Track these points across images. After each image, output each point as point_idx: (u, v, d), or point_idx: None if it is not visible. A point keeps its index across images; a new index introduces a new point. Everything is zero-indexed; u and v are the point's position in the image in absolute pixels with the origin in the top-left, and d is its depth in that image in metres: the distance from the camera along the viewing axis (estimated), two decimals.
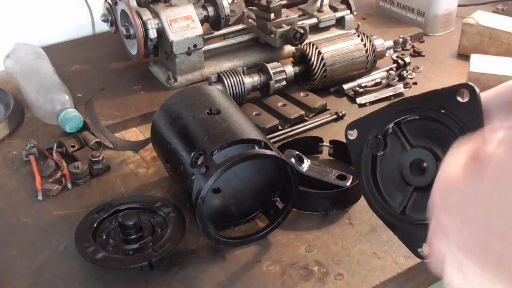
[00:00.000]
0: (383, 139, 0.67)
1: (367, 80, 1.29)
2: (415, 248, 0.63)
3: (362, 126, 0.69)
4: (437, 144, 0.63)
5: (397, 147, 0.66)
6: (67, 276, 0.83)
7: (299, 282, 0.81)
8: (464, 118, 0.60)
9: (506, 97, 0.59)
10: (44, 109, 1.15)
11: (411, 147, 0.64)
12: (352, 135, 0.70)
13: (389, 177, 0.67)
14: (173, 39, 1.25)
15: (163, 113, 0.94)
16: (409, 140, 0.65)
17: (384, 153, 0.68)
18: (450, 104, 0.61)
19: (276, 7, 1.31)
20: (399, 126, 0.66)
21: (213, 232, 0.83)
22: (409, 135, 0.65)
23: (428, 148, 0.63)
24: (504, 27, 1.34)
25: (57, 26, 1.56)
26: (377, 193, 0.68)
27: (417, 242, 0.63)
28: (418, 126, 0.64)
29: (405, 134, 0.65)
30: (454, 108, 0.61)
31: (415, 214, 0.64)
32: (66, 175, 1.01)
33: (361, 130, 0.69)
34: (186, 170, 0.83)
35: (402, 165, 0.65)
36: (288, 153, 0.97)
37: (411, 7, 1.56)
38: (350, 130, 0.70)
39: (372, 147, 0.68)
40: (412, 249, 0.63)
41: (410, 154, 0.64)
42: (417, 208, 0.64)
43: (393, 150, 0.67)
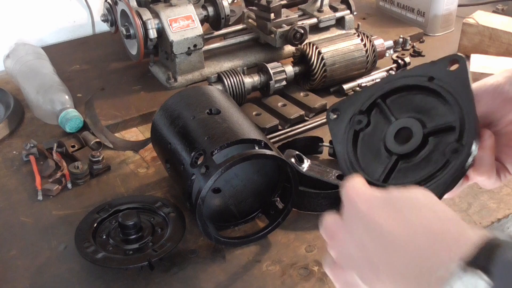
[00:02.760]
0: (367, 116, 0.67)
1: (367, 80, 1.29)
2: None
3: (345, 107, 0.70)
4: (423, 113, 0.63)
5: (381, 123, 0.66)
6: (67, 276, 0.83)
7: (299, 282, 0.81)
8: (454, 85, 0.61)
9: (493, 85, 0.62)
10: (44, 109, 1.15)
11: (395, 119, 0.65)
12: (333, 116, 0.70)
13: (370, 152, 0.67)
14: (173, 39, 1.25)
15: (163, 113, 0.94)
16: (394, 114, 0.65)
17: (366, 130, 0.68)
18: (440, 73, 0.62)
19: (276, 7, 1.31)
20: (384, 101, 0.66)
21: (213, 232, 0.83)
22: (394, 109, 0.66)
23: (414, 117, 0.63)
24: (504, 27, 1.34)
25: (57, 26, 1.56)
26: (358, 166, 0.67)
27: None
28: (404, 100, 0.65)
29: (390, 109, 0.66)
30: (444, 77, 0.62)
31: (398, 181, 0.63)
32: (66, 175, 1.01)
33: (344, 111, 0.70)
34: (186, 170, 0.83)
35: (386, 137, 0.65)
36: (288, 153, 0.97)
37: (411, 7, 1.56)
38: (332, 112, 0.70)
39: (354, 123, 0.68)
40: None
41: (396, 123, 0.64)
42: (400, 175, 0.64)
43: (376, 127, 0.67)
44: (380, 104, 0.66)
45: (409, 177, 0.62)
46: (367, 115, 0.67)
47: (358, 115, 0.67)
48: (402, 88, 0.65)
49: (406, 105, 0.65)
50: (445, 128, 0.61)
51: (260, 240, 0.88)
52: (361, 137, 0.68)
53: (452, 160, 0.58)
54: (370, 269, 0.47)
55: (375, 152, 0.66)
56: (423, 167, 0.61)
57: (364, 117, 0.67)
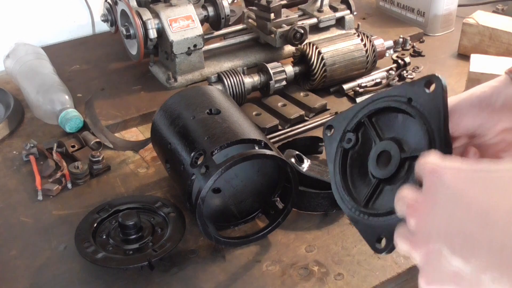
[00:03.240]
0: (356, 134, 0.67)
1: (367, 80, 1.29)
2: (373, 241, 0.63)
3: (338, 123, 0.70)
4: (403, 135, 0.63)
5: (369, 143, 0.67)
6: (67, 276, 0.83)
7: (299, 282, 0.81)
8: (428, 107, 0.60)
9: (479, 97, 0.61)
10: (44, 109, 1.15)
11: (380, 140, 0.65)
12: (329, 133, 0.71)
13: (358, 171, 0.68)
14: (173, 39, 1.25)
15: (163, 113, 0.94)
16: (379, 134, 0.65)
17: (355, 148, 0.68)
18: (417, 95, 0.61)
19: (276, 7, 1.31)
20: (370, 120, 0.66)
21: (213, 232, 0.83)
22: (379, 129, 0.66)
23: (394, 139, 0.63)
24: (504, 27, 1.34)
25: (57, 26, 1.56)
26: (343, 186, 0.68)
27: (375, 235, 0.63)
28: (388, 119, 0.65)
29: (375, 128, 0.66)
30: (420, 98, 0.61)
31: (377, 206, 0.64)
32: (66, 175, 1.01)
33: (337, 127, 0.70)
34: (186, 170, 0.83)
35: (370, 158, 0.65)
36: (288, 153, 0.97)
37: (411, 7, 1.56)
38: (328, 129, 0.71)
39: (343, 142, 0.68)
40: (370, 243, 0.63)
41: (378, 146, 0.65)
42: (380, 201, 0.64)
43: (364, 146, 0.67)
44: (367, 123, 0.67)
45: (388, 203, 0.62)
46: (355, 133, 0.68)
47: (347, 133, 0.68)
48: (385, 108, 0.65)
49: (389, 124, 0.65)
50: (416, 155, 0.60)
51: (260, 240, 0.88)
52: (350, 155, 0.69)
53: None
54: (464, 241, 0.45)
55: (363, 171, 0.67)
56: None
57: (352, 135, 0.68)
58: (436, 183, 0.49)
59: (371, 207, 0.65)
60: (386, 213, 0.62)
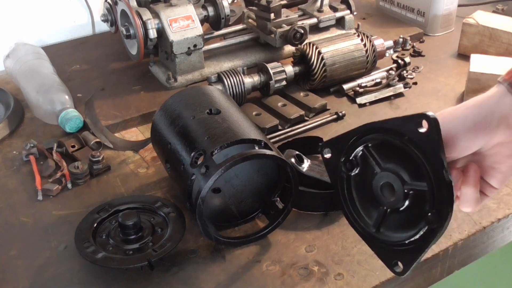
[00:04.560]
0: (355, 159, 0.69)
1: (367, 80, 1.29)
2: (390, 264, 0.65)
3: (336, 146, 0.72)
4: (403, 168, 0.64)
5: (369, 167, 0.68)
6: (67, 276, 0.83)
7: (299, 282, 0.81)
8: (424, 146, 0.60)
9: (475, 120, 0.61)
10: (44, 109, 1.15)
11: (380, 169, 0.67)
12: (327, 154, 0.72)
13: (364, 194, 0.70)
14: (173, 39, 1.25)
15: (163, 113, 0.94)
16: (378, 162, 0.66)
17: (357, 172, 0.69)
18: (411, 132, 0.61)
19: (276, 7, 1.31)
20: (368, 149, 0.68)
21: (213, 232, 0.83)
22: (378, 157, 0.67)
23: (395, 172, 0.65)
24: (504, 27, 1.34)
25: (57, 26, 1.56)
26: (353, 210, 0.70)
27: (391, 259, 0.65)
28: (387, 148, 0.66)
29: (374, 156, 0.67)
30: (415, 137, 0.61)
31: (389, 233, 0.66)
32: (66, 175, 1.01)
33: (335, 150, 0.72)
34: (186, 170, 0.83)
35: (374, 185, 0.67)
36: (288, 153, 0.97)
37: (411, 7, 1.56)
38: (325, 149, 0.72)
39: (346, 167, 0.70)
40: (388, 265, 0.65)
41: (380, 177, 0.66)
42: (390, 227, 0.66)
43: (365, 170, 0.69)
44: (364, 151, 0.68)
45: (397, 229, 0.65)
46: (355, 160, 0.69)
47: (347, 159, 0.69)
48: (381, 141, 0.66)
49: (388, 153, 0.66)
50: (419, 191, 0.62)
51: (260, 240, 0.88)
52: (352, 178, 0.70)
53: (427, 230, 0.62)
54: None
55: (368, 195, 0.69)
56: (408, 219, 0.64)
57: (353, 162, 0.69)
58: None
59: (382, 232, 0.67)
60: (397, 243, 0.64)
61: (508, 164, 0.63)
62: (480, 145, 0.62)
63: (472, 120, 0.61)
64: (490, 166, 0.64)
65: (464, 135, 0.61)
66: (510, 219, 0.93)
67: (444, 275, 0.90)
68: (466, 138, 0.61)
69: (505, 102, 0.61)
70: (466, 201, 0.64)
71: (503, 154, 0.63)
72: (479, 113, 0.61)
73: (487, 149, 0.63)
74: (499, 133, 0.61)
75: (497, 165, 0.64)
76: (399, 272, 0.64)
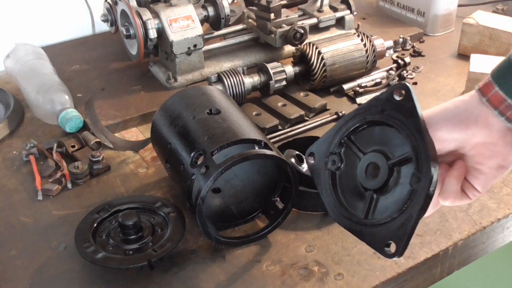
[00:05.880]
0: (339, 155, 0.69)
1: (367, 80, 1.29)
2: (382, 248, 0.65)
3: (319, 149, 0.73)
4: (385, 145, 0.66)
5: (353, 160, 0.70)
6: (67, 276, 0.83)
7: (299, 282, 0.81)
8: (402, 114, 0.63)
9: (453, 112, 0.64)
10: (44, 109, 1.15)
11: (363, 154, 0.68)
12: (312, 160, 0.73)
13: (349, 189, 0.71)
14: (173, 39, 1.25)
15: (163, 113, 0.94)
16: (360, 149, 0.68)
17: (342, 169, 0.71)
18: (389, 104, 0.65)
19: (276, 7, 1.31)
20: (350, 139, 0.69)
21: (213, 232, 0.83)
22: (360, 145, 0.69)
23: (378, 150, 0.66)
24: (504, 27, 1.34)
25: (57, 26, 1.56)
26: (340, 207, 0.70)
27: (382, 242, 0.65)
28: (367, 134, 0.68)
29: (356, 145, 0.69)
30: (393, 108, 0.64)
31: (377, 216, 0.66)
32: (66, 175, 1.01)
33: (319, 153, 0.73)
34: (186, 170, 0.83)
35: (358, 174, 0.68)
36: (288, 153, 0.97)
37: (411, 7, 1.56)
38: (310, 156, 0.73)
39: (330, 165, 0.70)
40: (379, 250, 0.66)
41: (364, 160, 0.68)
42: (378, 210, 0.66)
43: (349, 164, 0.70)
44: (347, 143, 0.69)
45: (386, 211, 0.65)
46: (338, 155, 0.70)
47: (330, 156, 0.70)
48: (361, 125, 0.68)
49: (369, 138, 0.68)
50: (403, 159, 0.64)
51: (260, 240, 0.88)
52: (338, 176, 0.71)
53: (417, 190, 0.61)
54: None
55: (354, 189, 0.69)
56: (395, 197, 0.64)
57: (336, 157, 0.70)
58: None
59: (371, 218, 0.67)
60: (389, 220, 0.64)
61: (489, 166, 0.65)
62: (459, 139, 0.64)
63: (452, 112, 0.64)
64: (473, 167, 0.66)
65: (444, 125, 0.64)
66: (510, 219, 0.93)
67: (444, 275, 0.90)
68: (445, 129, 0.64)
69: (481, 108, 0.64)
70: (445, 191, 0.65)
71: (484, 155, 0.64)
72: (459, 107, 0.64)
73: (469, 149, 0.65)
74: (477, 131, 0.63)
75: (479, 166, 0.65)
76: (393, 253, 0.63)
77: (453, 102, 0.65)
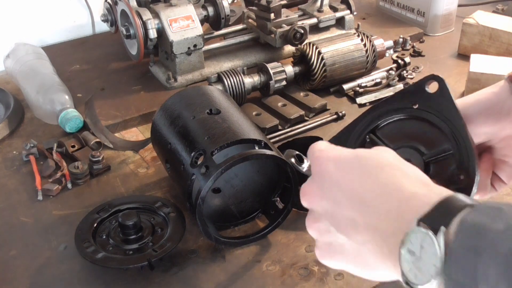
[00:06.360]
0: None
1: (367, 80, 1.29)
2: None
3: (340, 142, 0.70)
4: (416, 140, 0.63)
5: None
6: (67, 276, 0.83)
7: (299, 282, 0.81)
8: (439, 107, 0.60)
9: (486, 104, 0.63)
10: (44, 109, 1.15)
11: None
12: None
13: None
14: (173, 39, 1.25)
15: (163, 113, 0.94)
16: (387, 145, 0.65)
17: None
18: (420, 97, 0.61)
19: (276, 7, 1.31)
20: (375, 134, 0.66)
21: (213, 232, 0.83)
22: (386, 140, 0.65)
23: (409, 146, 0.63)
24: (504, 27, 1.34)
25: (57, 26, 1.56)
26: None
27: None
28: (392, 129, 0.65)
29: (382, 140, 0.66)
30: (425, 101, 0.61)
31: None
32: (66, 175, 1.01)
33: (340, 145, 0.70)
34: (186, 170, 0.83)
35: None
36: (288, 153, 0.96)
37: (411, 7, 1.56)
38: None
39: None
40: None
41: None
42: None
43: None
44: (372, 138, 0.66)
45: None
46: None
47: None
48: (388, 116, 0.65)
49: (397, 133, 0.65)
50: (443, 155, 0.61)
51: (260, 240, 0.88)
52: None
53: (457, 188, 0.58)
54: (346, 222, 0.51)
55: None
56: None
57: None
58: (321, 172, 0.54)
59: None
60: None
61: None
62: (489, 132, 0.63)
63: (484, 105, 0.62)
64: (500, 160, 0.65)
65: (476, 118, 0.62)
66: None
67: None
68: (476, 122, 0.62)
69: None
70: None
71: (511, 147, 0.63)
72: (491, 100, 0.62)
73: (497, 142, 0.64)
74: (507, 124, 0.62)
75: (507, 158, 0.64)
76: None
77: (484, 94, 0.63)
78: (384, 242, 0.47)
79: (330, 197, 0.52)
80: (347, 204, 0.50)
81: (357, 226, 0.49)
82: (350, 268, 0.54)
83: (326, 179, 0.53)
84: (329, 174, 0.53)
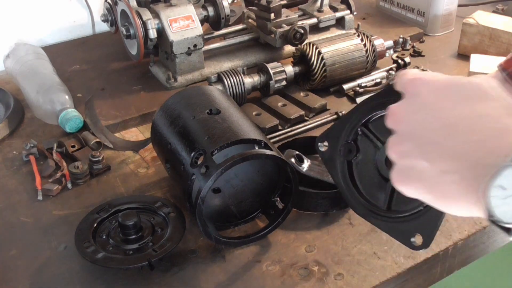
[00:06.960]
0: (354, 143, 0.68)
1: (367, 80, 1.29)
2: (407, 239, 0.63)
3: (332, 136, 0.70)
4: None
5: (369, 148, 0.67)
6: (67, 276, 0.83)
7: (299, 282, 0.81)
8: None
9: None
10: (44, 109, 1.15)
11: (382, 144, 0.65)
12: (323, 147, 0.71)
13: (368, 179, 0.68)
14: (173, 39, 1.25)
15: (163, 113, 0.94)
16: (379, 138, 0.66)
17: (358, 157, 0.68)
18: None
19: (276, 7, 1.31)
20: (367, 127, 0.67)
21: (213, 232, 0.83)
22: (378, 133, 0.66)
23: None
24: (504, 27, 1.34)
25: (57, 26, 1.56)
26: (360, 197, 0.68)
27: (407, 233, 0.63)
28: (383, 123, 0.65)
29: (374, 133, 0.66)
30: None
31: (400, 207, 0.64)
32: (66, 175, 1.01)
33: (332, 140, 0.70)
34: (186, 170, 0.83)
35: (378, 164, 0.65)
36: (288, 153, 0.97)
37: (411, 7, 1.56)
38: (321, 143, 0.71)
39: (345, 154, 0.68)
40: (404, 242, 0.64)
41: (383, 150, 0.65)
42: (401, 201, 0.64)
43: (366, 152, 0.68)
44: (364, 131, 0.67)
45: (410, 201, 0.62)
46: (354, 143, 0.68)
47: (346, 145, 0.68)
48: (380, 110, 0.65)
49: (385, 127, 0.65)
50: None
51: (260, 240, 0.88)
52: (354, 165, 0.69)
53: None
54: (432, 146, 0.49)
55: (372, 178, 0.67)
56: None
57: (352, 146, 0.68)
58: (413, 94, 0.53)
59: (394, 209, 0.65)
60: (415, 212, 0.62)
61: None
62: None
63: None
64: None
65: None
66: None
67: (444, 275, 0.90)
68: None
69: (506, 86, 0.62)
70: None
71: None
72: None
73: None
74: None
75: None
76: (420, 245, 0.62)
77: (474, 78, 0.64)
78: (470, 173, 0.45)
79: (419, 119, 0.51)
80: (437, 128, 0.49)
81: (444, 152, 0.48)
82: (426, 198, 0.51)
83: (417, 101, 0.52)
84: (422, 96, 0.52)
